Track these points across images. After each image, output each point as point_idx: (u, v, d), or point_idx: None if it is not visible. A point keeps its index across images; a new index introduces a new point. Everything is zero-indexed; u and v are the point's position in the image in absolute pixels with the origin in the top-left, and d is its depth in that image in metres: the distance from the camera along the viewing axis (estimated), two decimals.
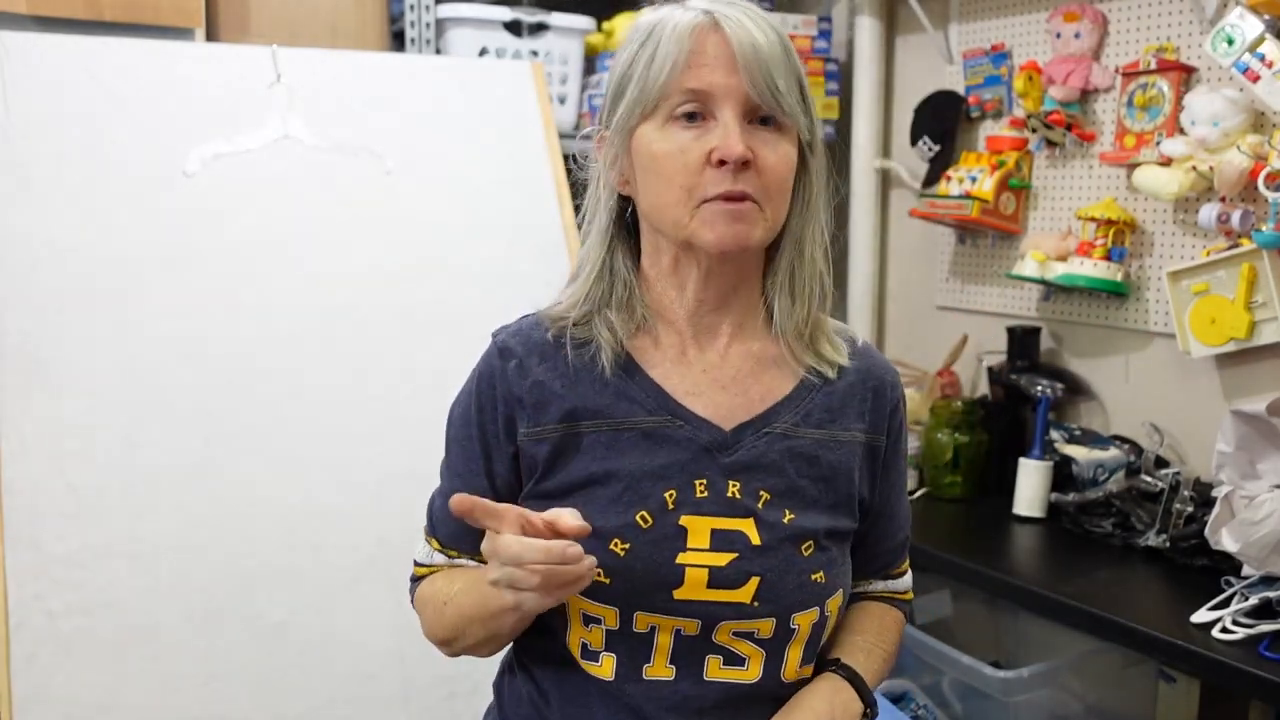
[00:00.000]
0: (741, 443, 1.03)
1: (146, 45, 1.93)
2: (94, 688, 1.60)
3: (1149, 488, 1.94)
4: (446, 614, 1.07)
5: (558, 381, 1.04)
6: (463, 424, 1.10)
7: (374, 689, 1.76)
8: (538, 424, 1.04)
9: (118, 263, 1.79)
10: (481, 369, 1.10)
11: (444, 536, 1.11)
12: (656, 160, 1.00)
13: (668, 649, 1.01)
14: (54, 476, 1.66)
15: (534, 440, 1.04)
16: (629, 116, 1.02)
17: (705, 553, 0.99)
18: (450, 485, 1.09)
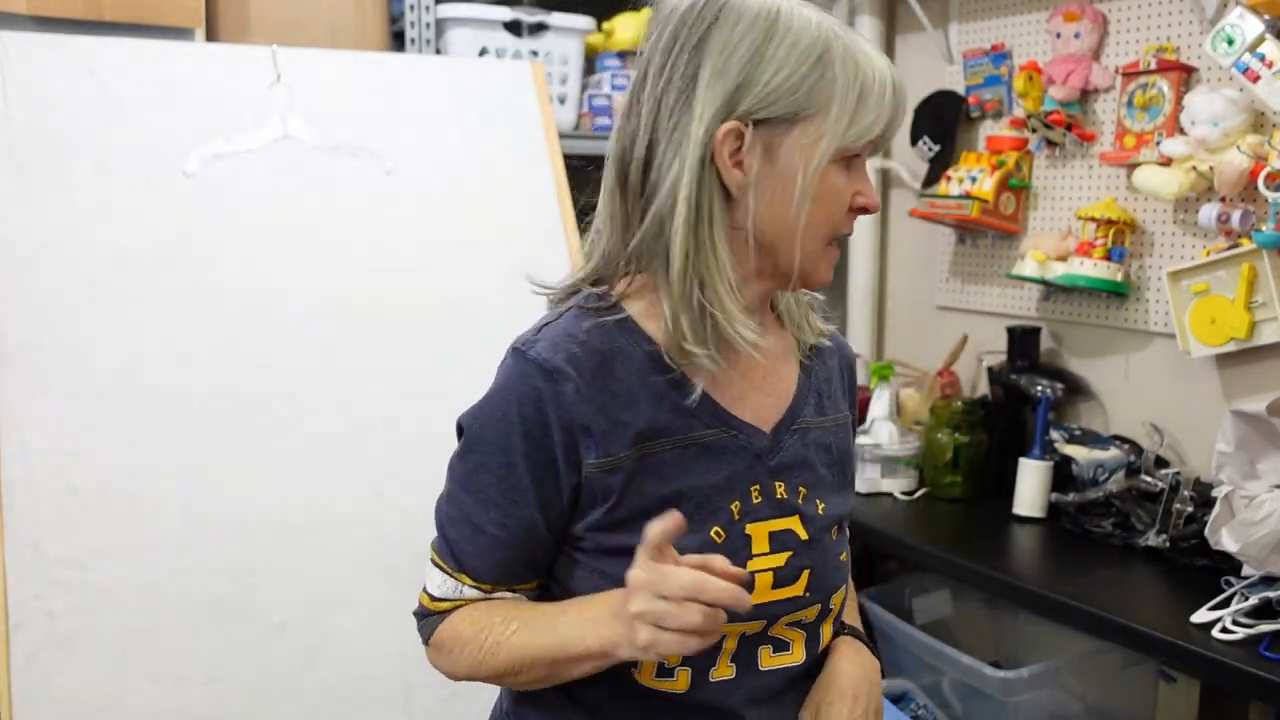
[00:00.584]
0: (781, 444, 1.05)
1: (146, 45, 1.93)
2: (94, 687, 1.60)
3: (1149, 488, 1.94)
4: (499, 655, 0.99)
5: (624, 400, 0.98)
6: (499, 451, 0.99)
7: (374, 689, 1.76)
8: (609, 453, 0.97)
9: (118, 263, 1.79)
10: (520, 391, 0.98)
11: (479, 571, 1.02)
12: (819, 193, 0.95)
13: (731, 650, 1.02)
14: (54, 476, 1.66)
15: (606, 470, 0.97)
16: (804, 136, 0.94)
17: (767, 556, 1.01)
18: (485, 517, 1.00)
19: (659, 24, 0.99)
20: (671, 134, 0.95)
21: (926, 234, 2.61)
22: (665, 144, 0.95)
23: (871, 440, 2.27)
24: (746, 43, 0.93)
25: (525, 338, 1.02)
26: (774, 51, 0.93)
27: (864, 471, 2.26)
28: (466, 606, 1.03)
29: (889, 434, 2.27)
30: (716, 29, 0.94)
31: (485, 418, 1.01)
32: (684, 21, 0.96)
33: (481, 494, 1.00)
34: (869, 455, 2.26)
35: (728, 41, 0.93)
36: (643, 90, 0.98)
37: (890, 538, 2.10)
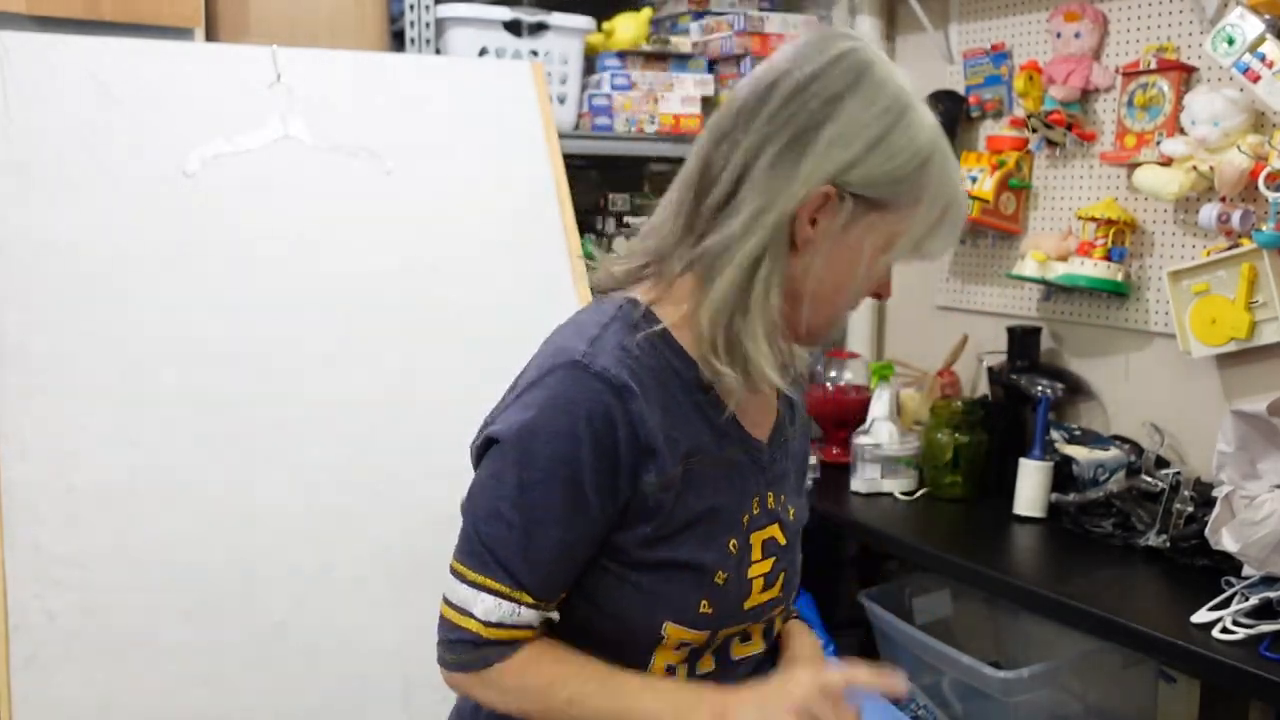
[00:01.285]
0: (774, 456, 1.12)
1: (146, 45, 1.93)
2: (94, 688, 1.59)
3: (1149, 488, 1.94)
4: (568, 713, 1.00)
5: (674, 418, 1.00)
6: (564, 465, 0.97)
7: (374, 689, 1.76)
8: (665, 471, 0.99)
9: (118, 262, 1.79)
10: (590, 407, 0.96)
11: (537, 588, 1.00)
12: (855, 274, 1.01)
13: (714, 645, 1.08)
14: (54, 477, 1.65)
15: (661, 488, 0.99)
16: (882, 223, 0.98)
17: (761, 562, 1.07)
18: (545, 533, 0.99)
19: (793, 59, 0.99)
20: (770, 170, 0.96)
21: None
22: (761, 178, 0.96)
23: (871, 440, 2.27)
24: (876, 125, 0.96)
25: (580, 349, 0.99)
26: (895, 140, 0.97)
27: (864, 471, 2.26)
28: (529, 648, 1.02)
29: (889, 434, 2.27)
30: (851, 96, 0.97)
31: (546, 432, 0.97)
32: (822, 74, 0.97)
33: (541, 510, 0.98)
34: (869, 455, 2.26)
35: (859, 115, 0.96)
36: (754, 116, 0.98)
37: (890, 538, 2.10)
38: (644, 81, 2.54)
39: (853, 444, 2.29)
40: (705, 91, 2.62)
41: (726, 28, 2.61)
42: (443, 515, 1.88)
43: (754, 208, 0.96)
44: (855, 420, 2.37)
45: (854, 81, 0.97)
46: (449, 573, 1.05)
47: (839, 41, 1.00)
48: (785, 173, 0.96)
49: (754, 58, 2.57)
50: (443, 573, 1.20)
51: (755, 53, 2.57)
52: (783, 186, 0.96)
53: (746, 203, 0.96)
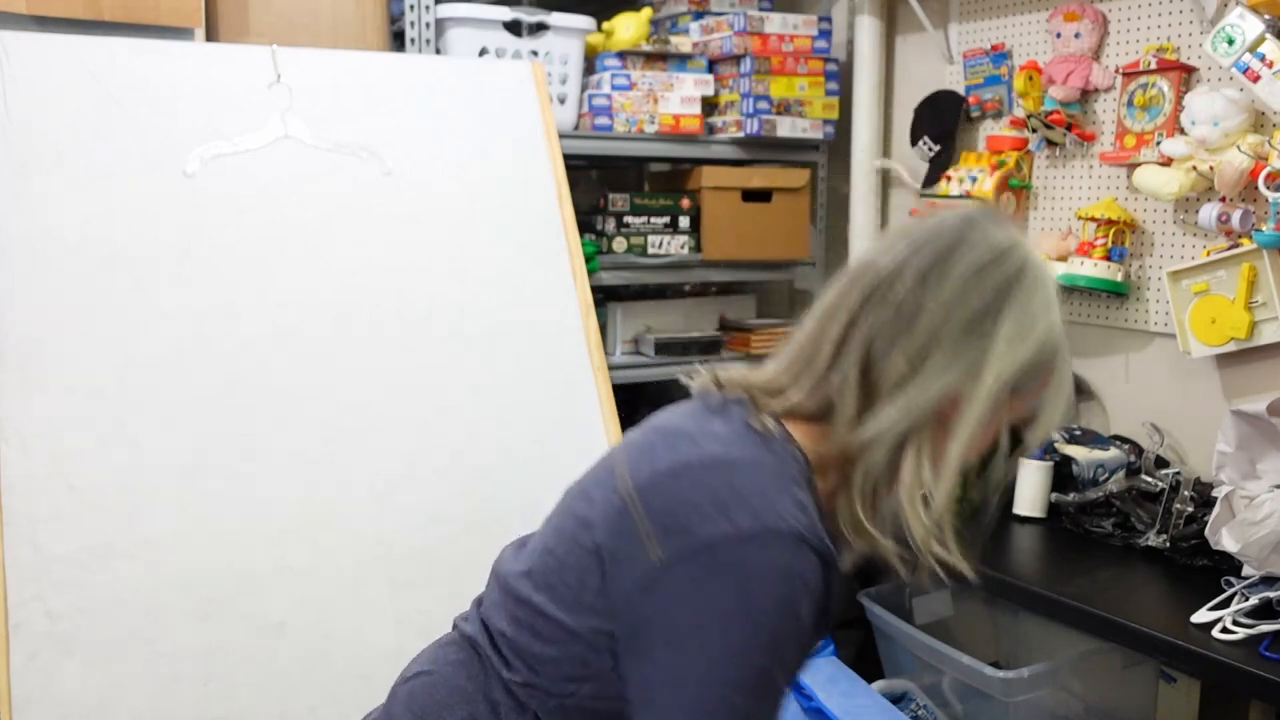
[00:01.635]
0: None
1: (146, 45, 1.93)
2: (94, 688, 1.60)
3: (1149, 488, 1.94)
4: None
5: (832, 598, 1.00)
6: (790, 636, 0.92)
7: (374, 689, 1.76)
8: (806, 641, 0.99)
9: (118, 262, 1.79)
10: (806, 577, 0.92)
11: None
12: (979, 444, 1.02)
13: None
14: (54, 476, 1.66)
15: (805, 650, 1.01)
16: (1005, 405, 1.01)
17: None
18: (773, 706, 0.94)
19: (953, 241, 1.02)
20: (957, 347, 0.98)
21: None
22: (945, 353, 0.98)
23: None
24: (1041, 324, 1.03)
25: (791, 516, 0.92)
26: (1049, 340, 1.04)
27: None
28: None
29: None
30: (1019, 288, 1.01)
31: (765, 600, 0.90)
32: (990, 264, 1.00)
33: (760, 689, 0.91)
34: None
35: (1028, 312, 1.02)
36: (923, 288, 0.99)
37: None
38: (644, 81, 2.54)
39: None
40: (705, 91, 2.62)
41: (726, 28, 2.61)
42: (442, 515, 1.89)
43: (943, 385, 0.98)
44: None
45: (1017, 273, 1.01)
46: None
47: (996, 231, 1.03)
48: (940, 364, 0.98)
49: (754, 57, 2.57)
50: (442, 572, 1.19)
51: (755, 52, 2.58)
52: (941, 377, 0.98)
53: (927, 374, 0.98)
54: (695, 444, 1.00)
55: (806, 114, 2.65)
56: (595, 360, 2.09)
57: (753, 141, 2.64)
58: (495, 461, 1.94)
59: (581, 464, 1.22)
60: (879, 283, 1.01)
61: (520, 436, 1.97)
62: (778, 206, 2.69)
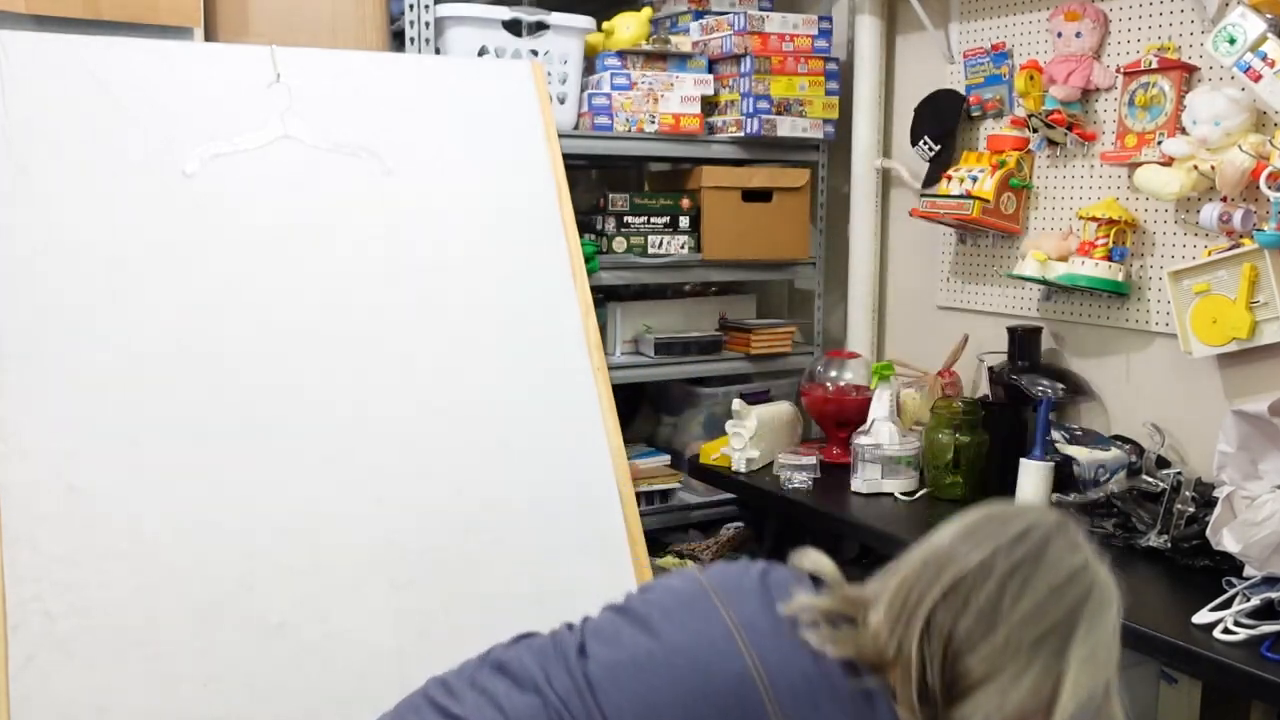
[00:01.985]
0: None
1: (145, 45, 1.93)
2: (92, 688, 1.59)
3: (1150, 488, 1.94)
4: None
5: None
6: None
7: (374, 689, 1.76)
8: None
9: (118, 262, 1.79)
10: None
11: None
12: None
13: None
14: (53, 477, 1.65)
15: None
16: None
17: None
18: None
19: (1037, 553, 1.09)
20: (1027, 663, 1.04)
21: (927, 234, 2.61)
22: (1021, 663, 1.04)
23: (872, 440, 2.27)
24: (1104, 651, 1.11)
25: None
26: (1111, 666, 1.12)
27: (864, 472, 2.26)
28: None
29: (889, 434, 2.27)
30: (1088, 607, 1.09)
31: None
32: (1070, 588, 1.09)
33: None
34: (869, 455, 2.26)
35: (1096, 633, 1.10)
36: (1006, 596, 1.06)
37: (891, 538, 2.09)
38: (644, 81, 2.54)
39: (853, 444, 2.29)
40: (705, 91, 2.62)
41: (726, 27, 2.61)
42: (442, 515, 1.89)
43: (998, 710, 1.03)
44: (856, 420, 2.37)
45: (1085, 593, 1.09)
46: None
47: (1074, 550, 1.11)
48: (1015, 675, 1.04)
49: (754, 57, 2.57)
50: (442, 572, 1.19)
51: (755, 52, 2.57)
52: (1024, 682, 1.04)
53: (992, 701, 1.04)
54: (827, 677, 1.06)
55: (806, 114, 2.65)
56: (595, 360, 2.09)
57: (753, 141, 2.64)
58: (495, 461, 1.94)
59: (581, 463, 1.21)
60: (961, 577, 1.07)
61: (520, 436, 1.97)
62: (778, 206, 2.69)
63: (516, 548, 1.90)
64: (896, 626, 1.07)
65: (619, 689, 1.06)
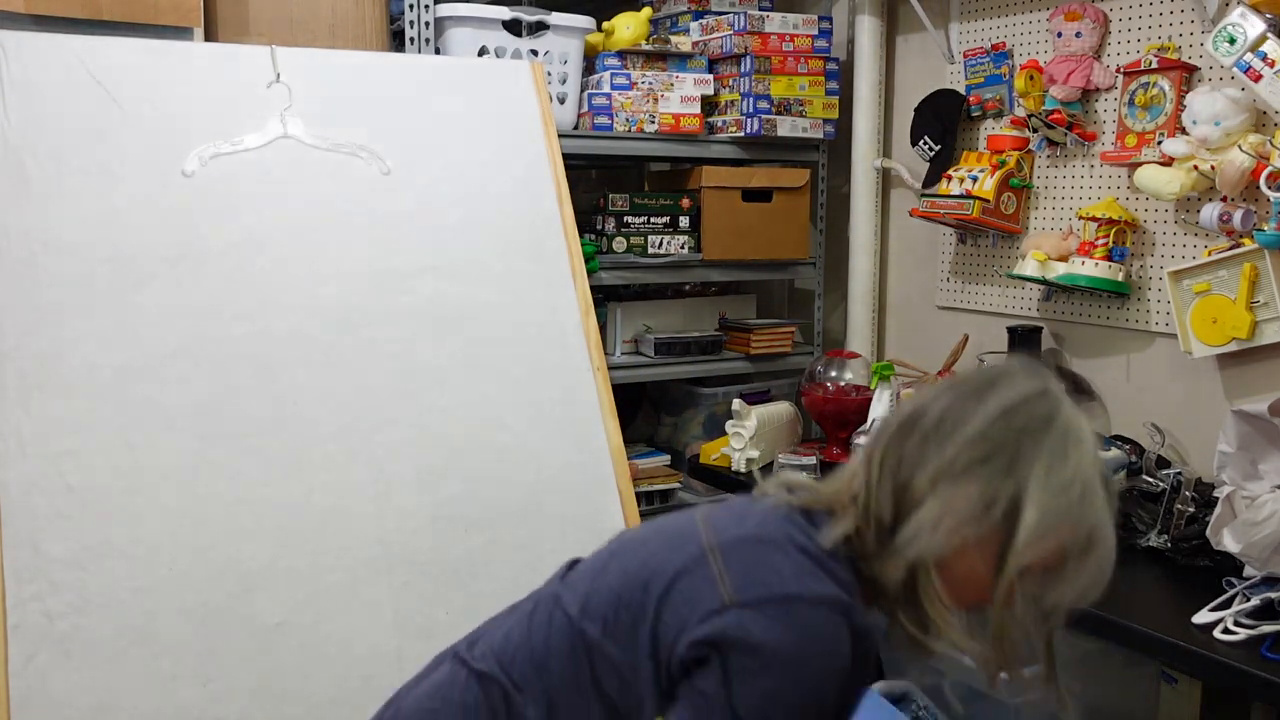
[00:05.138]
0: None
1: (145, 45, 1.93)
2: (92, 689, 1.59)
3: (1150, 488, 1.93)
4: None
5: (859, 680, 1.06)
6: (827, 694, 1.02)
7: (374, 689, 1.76)
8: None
9: (117, 262, 1.78)
10: (847, 649, 1.02)
11: None
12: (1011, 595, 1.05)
13: None
14: (52, 477, 1.65)
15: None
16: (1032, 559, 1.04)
17: None
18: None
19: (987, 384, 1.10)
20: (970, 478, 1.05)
21: (927, 234, 2.61)
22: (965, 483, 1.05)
23: None
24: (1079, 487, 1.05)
25: (832, 590, 1.03)
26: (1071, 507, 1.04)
27: None
28: None
29: None
30: (1046, 435, 1.07)
31: (815, 666, 1.01)
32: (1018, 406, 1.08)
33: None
34: None
35: (1066, 463, 1.05)
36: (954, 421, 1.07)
37: None
38: (644, 81, 2.54)
39: (853, 444, 2.29)
40: (705, 91, 2.62)
41: (726, 27, 2.61)
42: (442, 516, 1.89)
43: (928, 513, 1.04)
44: (856, 420, 2.37)
45: (1044, 423, 1.07)
46: None
47: (1031, 379, 1.11)
48: (957, 489, 1.04)
49: (754, 57, 2.57)
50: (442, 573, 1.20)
51: (755, 52, 2.57)
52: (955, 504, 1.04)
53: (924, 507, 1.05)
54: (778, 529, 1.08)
55: (807, 113, 2.65)
56: (595, 360, 2.09)
57: (753, 141, 2.64)
58: (495, 461, 1.94)
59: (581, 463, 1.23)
60: (917, 415, 1.09)
61: (520, 436, 1.97)
62: (778, 206, 2.69)
63: (516, 548, 1.90)
64: (858, 471, 1.11)
65: (580, 577, 1.16)
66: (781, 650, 1.00)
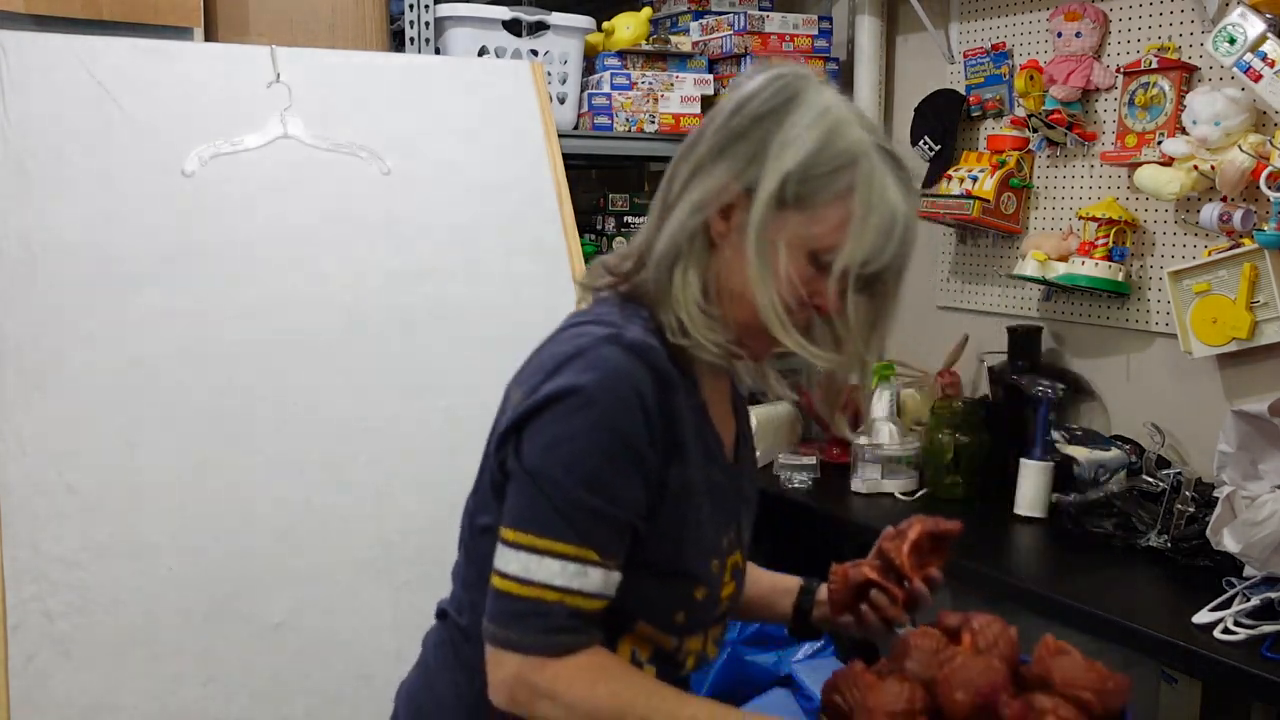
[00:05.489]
0: (745, 488, 1.19)
1: (145, 45, 1.93)
2: (92, 689, 1.59)
3: (1150, 488, 1.93)
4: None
5: (685, 427, 1.03)
6: (628, 428, 0.98)
7: (374, 689, 1.76)
8: (683, 470, 1.03)
9: (117, 262, 1.78)
10: (642, 383, 0.98)
11: (603, 542, 0.98)
12: (782, 268, 1.01)
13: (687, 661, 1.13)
14: (53, 477, 1.65)
15: (679, 486, 1.03)
16: (790, 220, 1.00)
17: (729, 584, 1.13)
18: (612, 490, 0.98)
19: (735, 87, 1.06)
20: (693, 179, 1.03)
21: (927, 234, 2.61)
22: (688, 186, 1.04)
23: (872, 440, 2.27)
24: (792, 131, 1.00)
25: (623, 333, 1.01)
26: (809, 143, 0.99)
27: (864, 472, 2.26)
28: (597, 654, 0.99)
29: (889, 434, 2.26)
30: (775, 112, 1.01)
31: (610, 396, 0.97)
32: (754, 96, 1.03)
33: (608, 469, 0.98)
34: (869, 455, 2.26)
35: (780, 124, 1.01)
36: (699, 138, 1.05)
37: None
38: (644, 81, 2.54)
39: (853, 444, 2.29)
40: (705, 91, 2.62)
41: (726, 27, 2.61)
42: (442, 516, 1.88)
43: (679, 212, 1.03)
44: (855, 420, 2.37)
45: (782, 102, 1.02)
46: (501, 544, 0.99)
47: (778, 70, 1.05)
48: (704, 179, 1.02)
49: (754, 57, 2.57)
50: (442, 573, 1.20)
51: (755, 52, 2.57)
52: (701, 189, 1.02)
53: (676, 209, 1.04)
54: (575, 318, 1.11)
55: None
56: None
57: None
58: None
59: None
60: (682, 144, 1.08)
61: None
62: None
63: None
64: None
65: None
66: (575, 391, 0.97)
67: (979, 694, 1.00)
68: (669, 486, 1.01)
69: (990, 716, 1.00)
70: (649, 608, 1.05)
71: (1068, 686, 1.03)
